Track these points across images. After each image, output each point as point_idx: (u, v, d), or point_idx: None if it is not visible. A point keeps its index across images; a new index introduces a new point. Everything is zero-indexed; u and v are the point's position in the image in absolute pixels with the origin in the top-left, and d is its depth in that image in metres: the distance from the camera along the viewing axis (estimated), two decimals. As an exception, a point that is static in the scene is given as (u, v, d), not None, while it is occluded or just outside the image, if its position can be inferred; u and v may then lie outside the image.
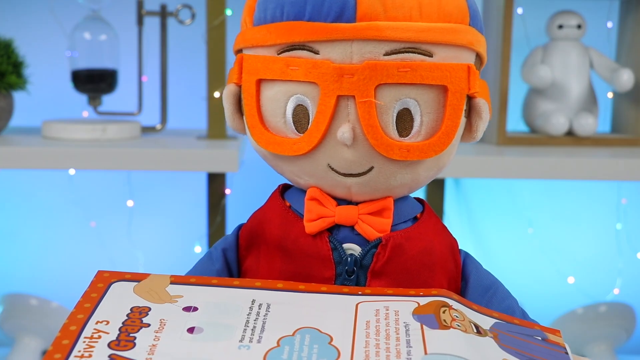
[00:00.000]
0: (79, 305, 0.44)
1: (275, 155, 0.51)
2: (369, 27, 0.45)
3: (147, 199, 1.31)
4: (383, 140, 0.47)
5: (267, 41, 0.48)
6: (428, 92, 0.47)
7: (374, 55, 0.46)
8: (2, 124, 1.08)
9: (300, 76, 0.47)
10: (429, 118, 0.48)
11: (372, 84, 0.46)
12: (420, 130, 0.48)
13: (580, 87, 1.16)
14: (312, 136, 0.48)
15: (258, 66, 0.49)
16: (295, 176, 0.51)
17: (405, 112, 0.47)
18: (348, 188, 0.49)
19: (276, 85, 0.49)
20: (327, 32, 0.46)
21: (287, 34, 0.47)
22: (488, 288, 0.53)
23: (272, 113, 0.49)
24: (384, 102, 0.47)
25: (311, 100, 0.48)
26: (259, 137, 0.50)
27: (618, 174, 1.00)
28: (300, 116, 0.49)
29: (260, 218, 0.53)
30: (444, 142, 0.48)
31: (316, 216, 0.50)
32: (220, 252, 0.54)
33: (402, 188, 0.50)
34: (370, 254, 0.50)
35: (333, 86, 0.46)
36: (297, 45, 0.47)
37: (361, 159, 0.48)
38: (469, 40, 0.48)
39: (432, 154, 0.48)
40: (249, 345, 0.41)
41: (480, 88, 0.49)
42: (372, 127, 0.46)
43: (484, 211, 1.34)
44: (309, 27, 0.46)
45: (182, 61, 1.27)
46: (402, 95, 0.47)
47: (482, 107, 0.50)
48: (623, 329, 1.24)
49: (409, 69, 0.46)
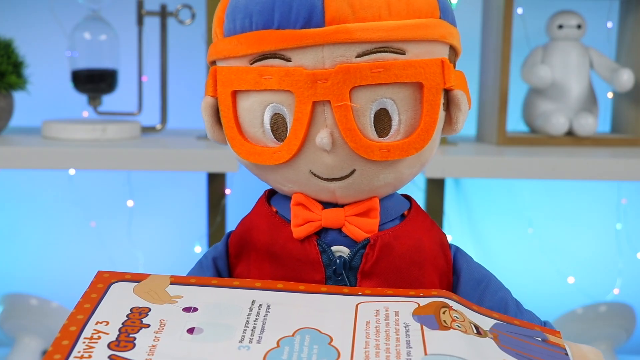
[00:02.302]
0: (79, 306, 0.44)
1: (257, 165, 0.50)
2: (339, 30, 0.45)
3: (147, 199, 1.31)
4: (362, 142, 0.46)
5: (239, 52, 0.48)
6: (403, 90, 0.47)
7: (346, 58, 0.46)
8: (2, 124, 1.08)
9: (274, 85, 0.47)
10: (406, 116, 0.47)
11: (346, 87, 0.46)
12: (399, 129, 0.48)
13: (580, 87, 1.16)
14: (291, 144, 0.47)
15: (232, 77, 0.49)
16: (279, 184, 0.51)
17: (383, 112, 0.47)
18: (332, 192, 0.49)
19: (251, 96, 0.48)
20: (297, 38, 0.45)
21: (258, 43, 0.47)
22: (480, 281, 0.53)
23: (250, 124, 0.49)
24: (360, 104, 0.46)
25: (287, 108, 0.47)
26: (239, 148, 0.50)
27: (618, 174, 1.00)
28: (278, 125, 0.48)
29: (248, 225, 0.53)
30: (424, 139, 0.48)
31: (303, 221, 0.50)
32: (211, 261, 0.54)
33: (387, 187, 0.50)
34: (359, 255, 0.50)
35: (307, 93, 0.46)
36: (269, 54, 0.47)
37: (342, 163, 0.48)
38: (440, 33, 0.48)
39: (413, 152, 0.48)
40: (248, 345, 0.41)
41: (456, 80, 0.49)
42: (350, 131, 0.46)
43: (484, 211, 1.34)
44: (278, 35, 0.46)
45: (182, 61, 1.27)
46: (377, 96, 0.47)
47: (461, 99, 0.49)
48: (623, 329, 1.24)
49: (382, 69, 0.46)
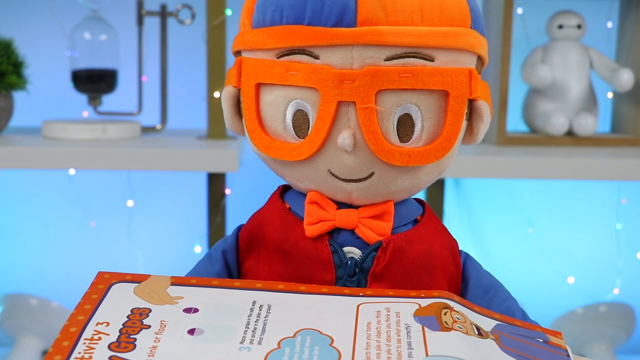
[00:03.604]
0: (79, 307, 0.44)
1: (275, 160, 0.50)
2: (370, 32, 0.45)
3: (147, 199, 1.31)
4: (384, 146, 0.46)
5: (266, 45, 0.48)
6: (429, 97, 0.47)
7: (374, 61, 0.45)
8: (2, 124, 1.08)
9: (300, 81, 0.46)
10: (430, 123, 0.47)
11: (372, 89, 0.45)
12: (421, 136, 0.47)
13: (580, 87, 1.16)
14: (312, 142, 0.47)
15: (257, 70, 0.48)
16: (296, 180, 0.51)
17: (406, 118, 0.47)
18: (349, 193, 0.49)
19: (276, 90, 0.48)
20: (327, 37, 0.45)
21: (287, 38, 0.46)
22: (488, 290, 0.53)
23: (271, 118, 0.49)
24: (385, 108, 0.46)
25: (311, 105, 0.47)
26: (259, 141, 0.50)
27: (618, 174, 1.00)
28: (300, 121, 0.48)
29: (260, 220, 0.53)
30: (445, 147, 0.48)
31: (316, 219, 0.50)
32: (220, 254, 0.53)
33: (403, 192, 0.50)
34: (371, 257, 0.49)
35: (333, 92, 0.46)
36: (297, 49, 0.46)
37: (362, 165, 0.47)
38: (470, 43, 0.48)
39: (433, 160, 0.48)
40: (249, 346, 0.41)
41: (481, 90, 0.49)
42: (372, 134, 0.46)
43: (484, 211, 1.34)
44: (308, 32, 0.46)
45: (182, 61, 1.27)
46: (403, 101, 0.46)
47: (484, 110, 0.49)
48: (623, 329, 1.24)
49: (410, 74, 0.45)
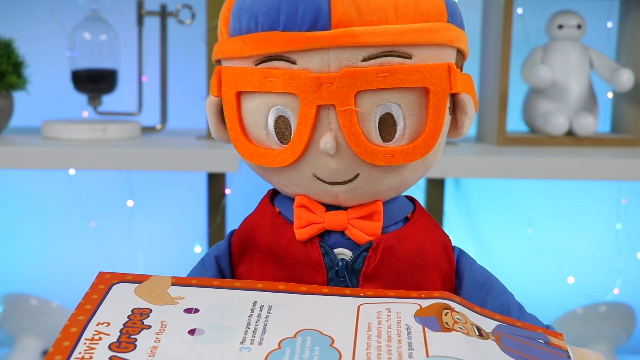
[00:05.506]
0: (80, 307, 0.44)
1: (261, 167, 0.50)
2: (345, 33, 0.45)
3: (147, 199, 1.31)
4: (366, 147, 0.46)
5: (244, 52, 0.48)
6: (409, 95, 0.47)
7: (351, 62, 0.45)
8: (2, 124, 1.08)
9: (278, 87, 0.46)
10: (411, 121, 0.47)
11: (351, 91, 0.45)
12: (404, 134, 0.47)
13: (580, 87, 1.16)
14: (295, 147, 0.47)
15: (236, 78, 0.48)
16: (282, 186, 0.51)
17: (388, 117, 0.47)
18: (335, 195, 0.49)
19: (256, 97, 0.48)
20: (302, 41, 0.45)
21: (263, 45, 0.46)
22: (483, 284, 0.52)
23: (254, 125, 0.49)
24: (365, 109, 0.46)
25: (292, 111, 0.47)
26: (243, 149, 0.50)
27: (618, 174, 1.00)
28: (282, 127, 0.48)
29: (251, 224, 0.53)
30: (429, 144, 0.47)
31: (306, 223, 0.50)
32: (213, 260, 0.53)
33: (390, 191, 0.50)
34: (362, 258, 0.49)
35: (312, 96, 0.45)
36: (274, 55, 0.46)
37: (346, 167, 0.47)
38: (448, 38, 0.47)
39: (418, 157, 0.47)
40: (250, 347, 0.41)
41: (463, 84, 0.49)
42: (354, 135, 0.46)
43: (484, 211, 1.34)
44: (284, 37, 0.45)
45: (182, 61, 1.27)
46: (383, 101, 0.46)
47: (467, 103, 0.49)
48: (623, 329, 1.24)
49: (388, 73, 0.45)
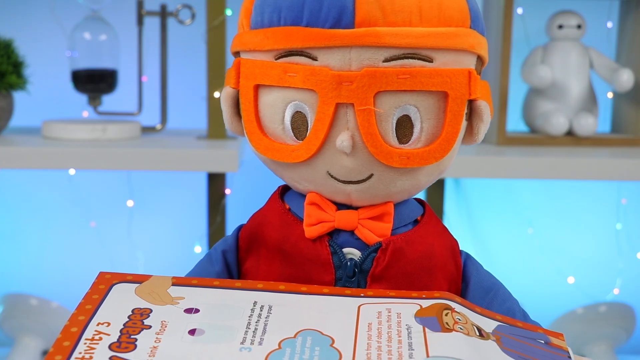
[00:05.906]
0: (80, 307, 0.44)
1: (274, 161, 0.50)
2: (368, 33, 0.44)
3: (147, 199, 1.31)
4: (383, 148, 0.46)
5: (265, 46, 0.47)
6: (428, 99, 0.46)
7: (373, 62, 0.45)
8: (2, 124, 1.08)
9: (298, 83, 0.46)
10: (429, 124, 0.47)
11: (371, 91, 0.45)
12: (420, 137, 0.47)
13: (580, 87, 1.16)
14: (310, 144, 0.47)
15: (255, 71, 0.48)
16: (295, 182, 0.51)
17: (405, 119, 0.47)
18: (348, 194, 0.49)
19: (274, 91, 0.48)
20: (325, 38, 0.45)
21: (285, 39, 0.46)
22: (489, 290, 0.52)
23: (270, 119, 0.49)
24: (384, 109, 0.46)
25: (310, 107, 0.47)
26: (258, 143, 0.49)
27: (618, 174, 1.00)
28: (298, 123, 0.48)
29: (260, 220, 0.53)
30: (445, 149, 0.47)
31: (316, 221, 0.50)
32: (220, 254, 0.53)
33: (402, 193, 0.50)
34: (370, 259, 0.49)
35: (332, 94, 0.45)
36: (295, 51, 0.46)
37: (361, 166, 0.47)
38: (470, 43, 0.47)
39: (433, 161, 0.47)
40: (250, 347, 0.41)
41: (481, 90, 0.49)
42: (371, 135, 0.46)
43: (484, 211, 1.34)
44: (306, 33, 0.45)
45: (182, 61, 1.27)
46: (401, 102, 0.46)
47: (484, 110, 0.49)
48: (623, 329, 1.24)
49: (409, 75, 0.45)
